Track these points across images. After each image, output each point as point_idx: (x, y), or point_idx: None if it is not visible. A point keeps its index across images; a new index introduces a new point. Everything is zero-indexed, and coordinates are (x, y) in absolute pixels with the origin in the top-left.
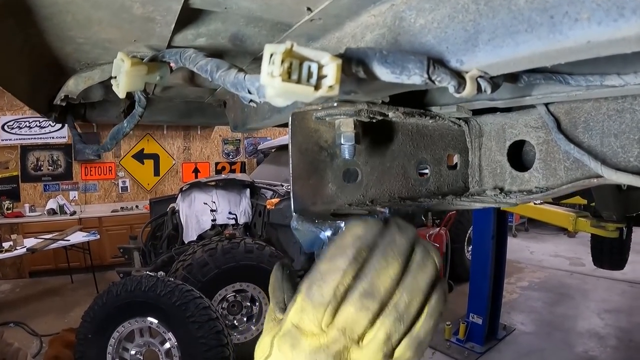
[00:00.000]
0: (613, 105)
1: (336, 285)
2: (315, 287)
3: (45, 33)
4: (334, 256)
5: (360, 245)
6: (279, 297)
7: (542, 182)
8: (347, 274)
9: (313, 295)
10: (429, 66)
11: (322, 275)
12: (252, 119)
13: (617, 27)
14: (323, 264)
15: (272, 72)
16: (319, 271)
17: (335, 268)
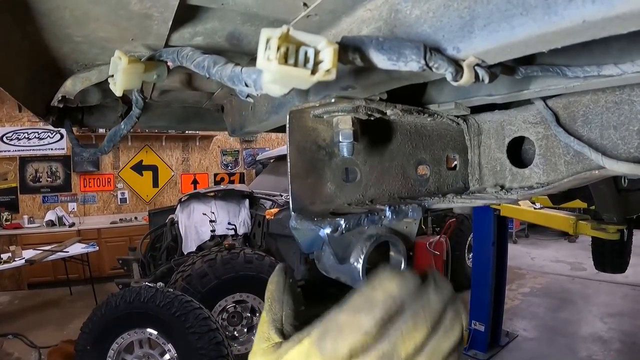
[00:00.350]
0: (611, 97)
1: (354, 346)
2: (329, 339)
3: (43, 31)
4: (359, 310)
5: (391, 305)
6: (277, 313)
7: (542, 177)
8: (369, 336)
9: (325, 348)
10: (426, 52)
11: (340, 328)
12: (250, 122)
13: (612, 5)
14: (344, 314)
15: (269, 56)
16: (337, 322)
17: (358, 325)
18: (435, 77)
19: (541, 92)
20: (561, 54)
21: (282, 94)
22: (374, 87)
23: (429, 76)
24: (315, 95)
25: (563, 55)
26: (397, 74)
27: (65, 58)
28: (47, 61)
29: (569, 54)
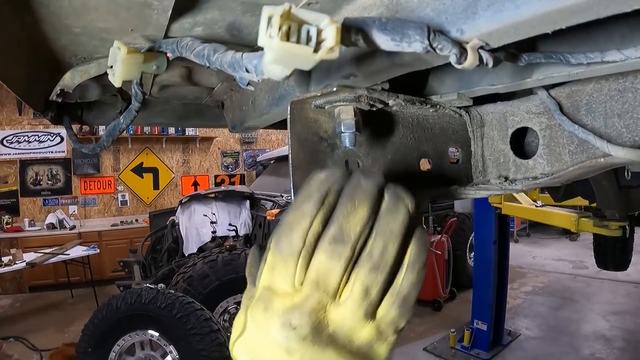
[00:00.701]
0: (614, 85)
1: (304, 232)
2: (283, 237)
3: (41, 22)
4: (300, 204)
5: (325, 188)
6: (254, 273)
7: (547, 168)
8: (316, 220)
9: (282, 248)
10: (429, 33)
11: (289, 225)
12: (251, 116)
13: None
14: (290, 214)
15: (271, 33)
16: (286, 222)
17: (302, 214)
18: (439, 62)
19: (544, 80)
20: (564, 41)
21: (284, 75)
22: (376, 75)
23: (432, 61)
24: (316, 84)
25: (566, 43)
26: (400, 60)
27: (64, 50)
28: (46, 54)
29: (572, 41)
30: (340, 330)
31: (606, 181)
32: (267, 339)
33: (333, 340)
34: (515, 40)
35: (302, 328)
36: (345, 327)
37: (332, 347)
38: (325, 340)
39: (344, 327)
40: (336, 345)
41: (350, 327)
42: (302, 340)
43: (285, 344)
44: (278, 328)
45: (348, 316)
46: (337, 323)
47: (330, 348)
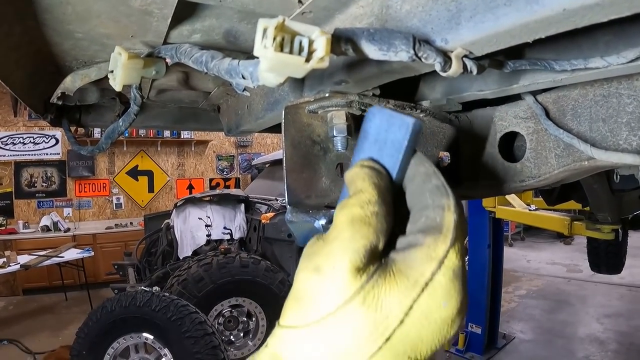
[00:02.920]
0: (599, 90)
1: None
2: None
3: (44, 26)
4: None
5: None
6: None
7: (534, 171)
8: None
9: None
10: (415, 42)
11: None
12: (246, 120)
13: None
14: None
15: (266, 44)
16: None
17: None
18: (425, 69)
19: (530, 86)
20: (550, 49)
21: (278, 83)
22: (366, 82)
23: (419, 68)
24: (309, 90)
25: (552, 50)
26: (389, 67)
27: (65, 55)
28: (48, 57)
29: (558, 49)
30: None
31: (598, 185)
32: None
33: None
34: (497, 49)
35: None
36: None
37: None
38: None
39: None
40: None
41: None
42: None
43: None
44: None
45: None
46: None
47: None
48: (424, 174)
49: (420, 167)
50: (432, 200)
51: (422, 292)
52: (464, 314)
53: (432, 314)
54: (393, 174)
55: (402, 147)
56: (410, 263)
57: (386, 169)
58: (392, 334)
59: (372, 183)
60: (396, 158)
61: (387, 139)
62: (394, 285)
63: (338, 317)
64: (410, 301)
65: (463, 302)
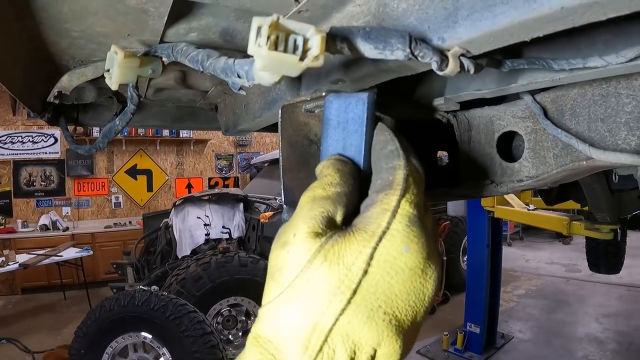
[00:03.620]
0: (598, 90)
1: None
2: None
3: (41, 25)
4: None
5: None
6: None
7: (532, 171)
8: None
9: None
10: (411, 41)
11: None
12: (244, 120)
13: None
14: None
15: (260, 42)
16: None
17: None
18: (422, 68)
19: (528, 85)
20: (548, 48)
21: (273, 81)
22: (363, 81)
23: (416, 67)
24: (306, 89)
25: (550, 50)
26: (385, 66)
27: (62, 53)
28: (45, 56)
29: (556, 48)
30: None
31: (597, 184)
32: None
33: None
34: (495, 47)
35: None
36: None
37: None
38: None
39: None
40: None
41: None
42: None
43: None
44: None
45: None
46: None
47: None
48: (382, 142)
49: (380, 137)
50: (385, 164)
51: (380, 241)
52: (434, 264)
53: (395, 262)
54: (362, 151)
55: (363, 119)
56: (367, 220)
57: (352, 157)
58: (359, 286)
59: (335, 169)
60: (360, 132)
61: (347, 119)
62: (353, 240)
63: (303, 279)
64: (370, 250)
65: (429, 250)
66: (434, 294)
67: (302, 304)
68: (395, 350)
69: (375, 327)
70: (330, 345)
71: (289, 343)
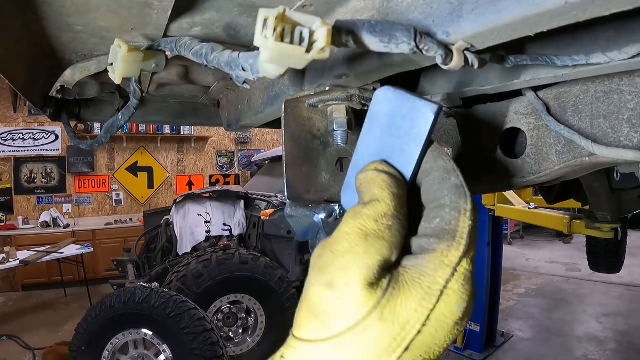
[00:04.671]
0: (600, 87)
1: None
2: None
3: (44, 20)
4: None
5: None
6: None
7: (534, 167)
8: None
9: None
10: (416, 35)
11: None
12: (246, 115)
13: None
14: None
15: (266, 34)
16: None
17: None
18: (427, 63)
19: (531, 81)
20: (551, 44)
21: (278, 74)
22: (367, 75)
23: (420, 62)
24: (310, 84)
25: (553, 46)
26: (390, 60)
27: (64, 48)
28: (47, 51)
29: (559, 44)
30: None
31: (598, 183)
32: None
33: None
34: (499, 42)
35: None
36: None
37: None
38: None
39: None
40: None
41: None
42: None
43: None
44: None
45: None
46: None
47: None
48: (442, 169)
49: (439, 161)
50: (449, 200)
51: (438, 302)
52: (470, 312)
53: (445, 320)
54: (410, 167)
55: (423, 138)
56: (424, 270)
57: (398, 169)
58: (411, 344)
59: (390, 193)
60: (415, 150)
61: (403, 126)
62: (409, 295)
63: (357, 332)
64: (426, 311)
65: (472, 303)
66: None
67: (351, 356)
68: None
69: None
70: None
71: None
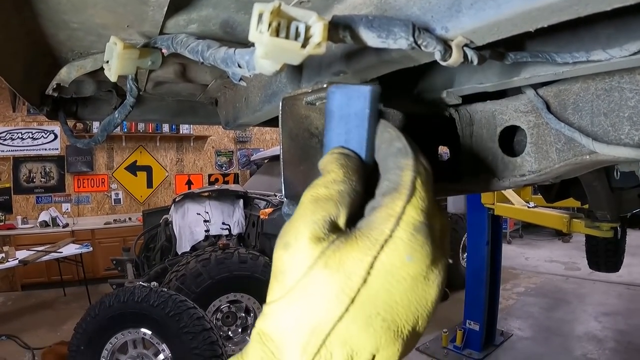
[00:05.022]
0: (601, 84)
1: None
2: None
3: (40, 17)
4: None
5: None
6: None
7: (534, 165)
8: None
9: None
10: (415, 30)
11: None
12: (244, 113)
13: None
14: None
15: (261, 29)
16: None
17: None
18: (425, 59)
19: (531, 79)
20: (551, 41)
21: (274, 70)
22: (365, 72)
23: (418, 58)
24: (307, 81)
25: (553, 43)
26: (388, 57)
27: (61, 45)
28: (44, 49)
29: (559, 41)
30: None
31: (597, 182)
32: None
33: None
34: (498, 38)
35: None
36: None
37: None
38: None
39: None
40: None
41: None
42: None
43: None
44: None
45: None
46: None
47: None
48: (388, 140)
49: (384, 134)
50: (393, 163)
51: (382, 249)
52: (438, 269)
53: (397, 271)
54: (364, 145)
55: (365, 116)
56: (371, 224)
57: (354, 150)
58: (357, 294)
59: (339, 164)
60: (362, 126)
61: (350, 113)
62: (355, 246)
63: (305, 284)
64: (370, 258)
65: (434, 257)
66: (438, 298)
67: (302, 308)
68: (394, 354)
69: (373, 333)
70: (328, 348)
71: (288, 343)
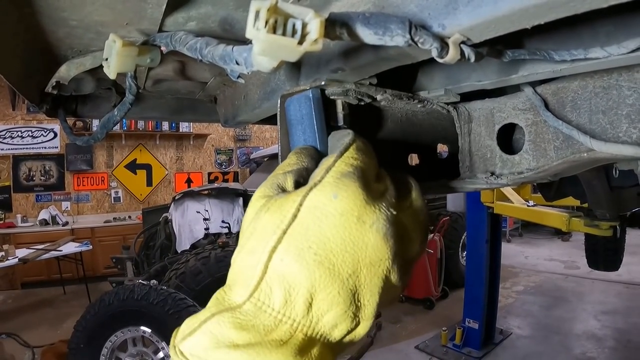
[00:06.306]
0: (599, 82)
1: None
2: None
3: (39, 14)
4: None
5: None
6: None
7: (532, 163)
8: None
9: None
10: (411, 27)
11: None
12: (243, 111)
13: None
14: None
15: (258, 26)
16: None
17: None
18: (422, 56)
19: (529, 76)
20: (549, 39)
21: (272, 67)
22: (363, 70)
23: (416, 55)
24: (306, 78)
25: (551, 40)
26: (386, 54)
27: (60, 43)
28: (43, 46)
29: (557, 39)
30: None
31: (597, 181)
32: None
33: None
34: (496, 35)
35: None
36: None
37: None
38: None
39: None
40: None
41: None
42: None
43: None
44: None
45: None
46: None
47: None
48: (338, 137)
49: (337, 135)
50: (338, 142)
51: (311, 190)
52: (376, 215)
53: (325, 207)
54: (317, 137)
55: (312, 112)
56: (309, 180)
57: (312, 145)
58: (288, 227)
59: (293, 153)
60: (312, 124)
61: (302, 116)
62: (292, 194)
63: (251, 227)
64: (300, 198)
65: (367, 201)
66: (382, 246)
67: (248, 248)
68: (334, 297)
69: (306, 266)
70: (267, 282)
71: (236, 281)
